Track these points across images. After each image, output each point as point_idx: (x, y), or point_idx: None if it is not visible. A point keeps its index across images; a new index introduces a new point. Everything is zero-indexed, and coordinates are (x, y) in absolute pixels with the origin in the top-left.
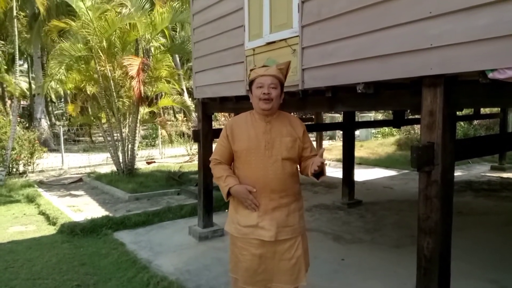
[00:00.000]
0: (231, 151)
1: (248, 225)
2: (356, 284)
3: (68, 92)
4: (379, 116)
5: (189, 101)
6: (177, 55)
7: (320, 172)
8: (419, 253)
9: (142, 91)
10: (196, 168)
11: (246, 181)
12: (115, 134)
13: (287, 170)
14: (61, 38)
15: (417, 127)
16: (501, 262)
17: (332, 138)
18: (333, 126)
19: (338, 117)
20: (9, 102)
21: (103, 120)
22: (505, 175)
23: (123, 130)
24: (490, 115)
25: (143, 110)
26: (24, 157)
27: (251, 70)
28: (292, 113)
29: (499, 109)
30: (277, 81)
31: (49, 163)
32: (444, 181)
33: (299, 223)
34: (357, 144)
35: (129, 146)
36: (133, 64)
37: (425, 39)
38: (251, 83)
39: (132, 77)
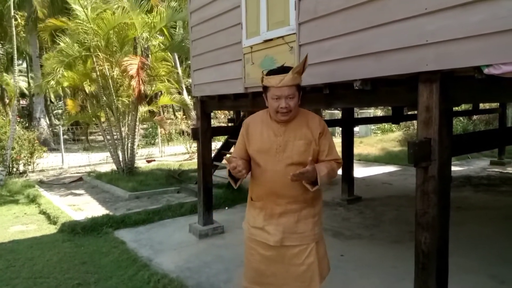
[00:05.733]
0: (247, 149)
1: (255, 226)
2: (355, 280)
3: (68, 92)
4: (379, 112)
5: (188, 99)
6: (176, 54)
7: (315, 181)
8: (417, 248)
9: (142, 90)
10: (195, 166)
11: (256, 183)
12: (114, 133)
13: None
14: (59, 36)
15: (416, 123)
16: (500, 257)
17: (331, 134)
18: (332, 123)
19: (338, 114)
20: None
21: (103, 119)
22: (504, 170)
23: (122, 129)
24: (489, 110)
25: (142, 109)
26: (24, 156)
27: (262, 72)
28: None
29: (498, 104)
30: (295, 89)
31: (49, 162)
32: (441, 177)
33: (313, 230)
34: (356, 140)
35: (129, 144)
36: (132, 63)
37: (421, 35)
38: (264, 88)
39: (132, 77)
